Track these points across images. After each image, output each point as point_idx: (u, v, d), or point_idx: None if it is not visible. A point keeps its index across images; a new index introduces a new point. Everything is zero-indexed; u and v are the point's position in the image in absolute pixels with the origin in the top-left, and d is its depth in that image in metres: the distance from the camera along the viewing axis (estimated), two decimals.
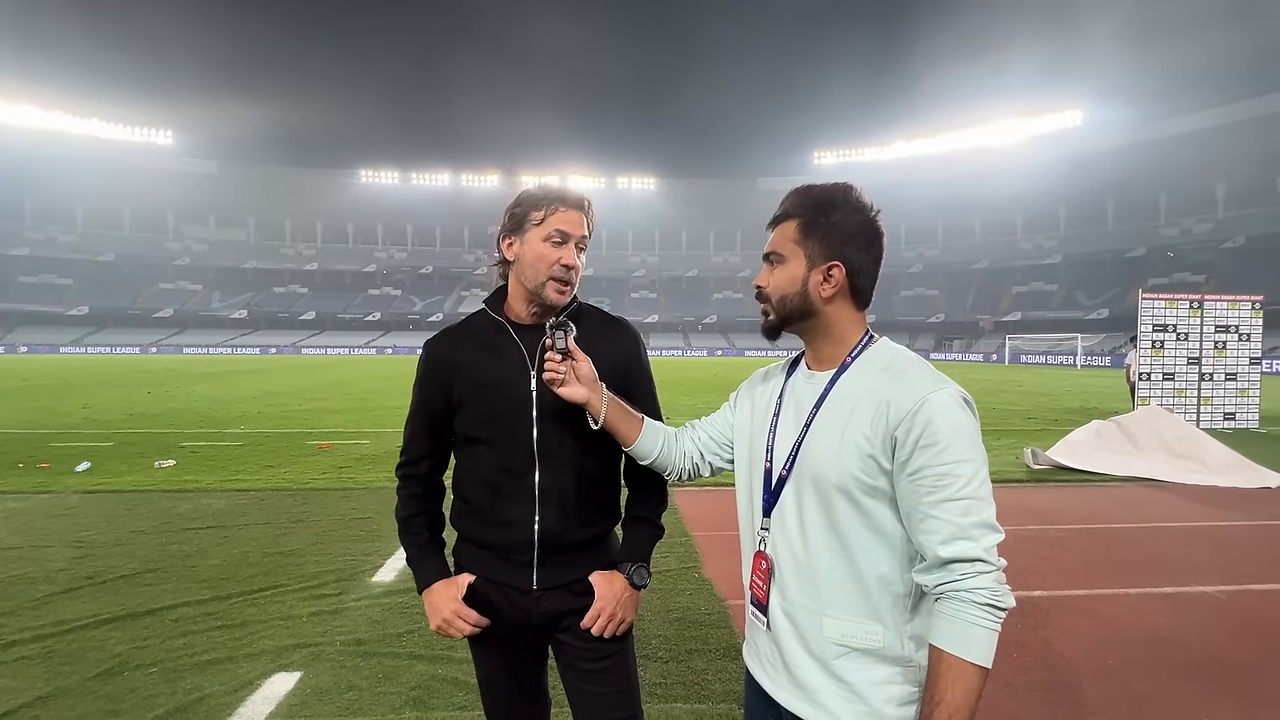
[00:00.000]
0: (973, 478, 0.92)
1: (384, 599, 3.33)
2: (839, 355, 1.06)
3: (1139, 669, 2.73)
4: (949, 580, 0.91)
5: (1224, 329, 10.90)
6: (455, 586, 1.31)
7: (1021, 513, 5.24)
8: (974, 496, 0.92)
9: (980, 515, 0.91)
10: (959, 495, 0.91)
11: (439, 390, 1.33)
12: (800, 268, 1.05)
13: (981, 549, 0.90)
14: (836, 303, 1.05)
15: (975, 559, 0.90)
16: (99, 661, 2.66)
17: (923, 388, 0.96)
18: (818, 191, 1.06)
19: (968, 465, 0.92)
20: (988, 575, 0.90)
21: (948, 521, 0.91)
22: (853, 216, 1.04)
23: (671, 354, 59.83)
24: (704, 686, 2.52)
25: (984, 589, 0.89)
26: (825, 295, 1.04)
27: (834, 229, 1.03)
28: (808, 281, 1.04)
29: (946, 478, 0.91)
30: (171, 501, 5.33)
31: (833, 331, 1.07)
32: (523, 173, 75.73)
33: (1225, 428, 10.49)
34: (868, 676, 0.97)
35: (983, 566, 0.90)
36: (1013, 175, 61.58)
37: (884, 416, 0.96)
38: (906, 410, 0.94)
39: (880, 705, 0.96)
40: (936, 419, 0.93)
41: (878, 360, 1.03)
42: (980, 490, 0.92)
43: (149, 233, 70.37)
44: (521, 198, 1.31)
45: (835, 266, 1.03)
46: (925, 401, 0.94)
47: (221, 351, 58.20)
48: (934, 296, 67.84)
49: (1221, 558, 4.20)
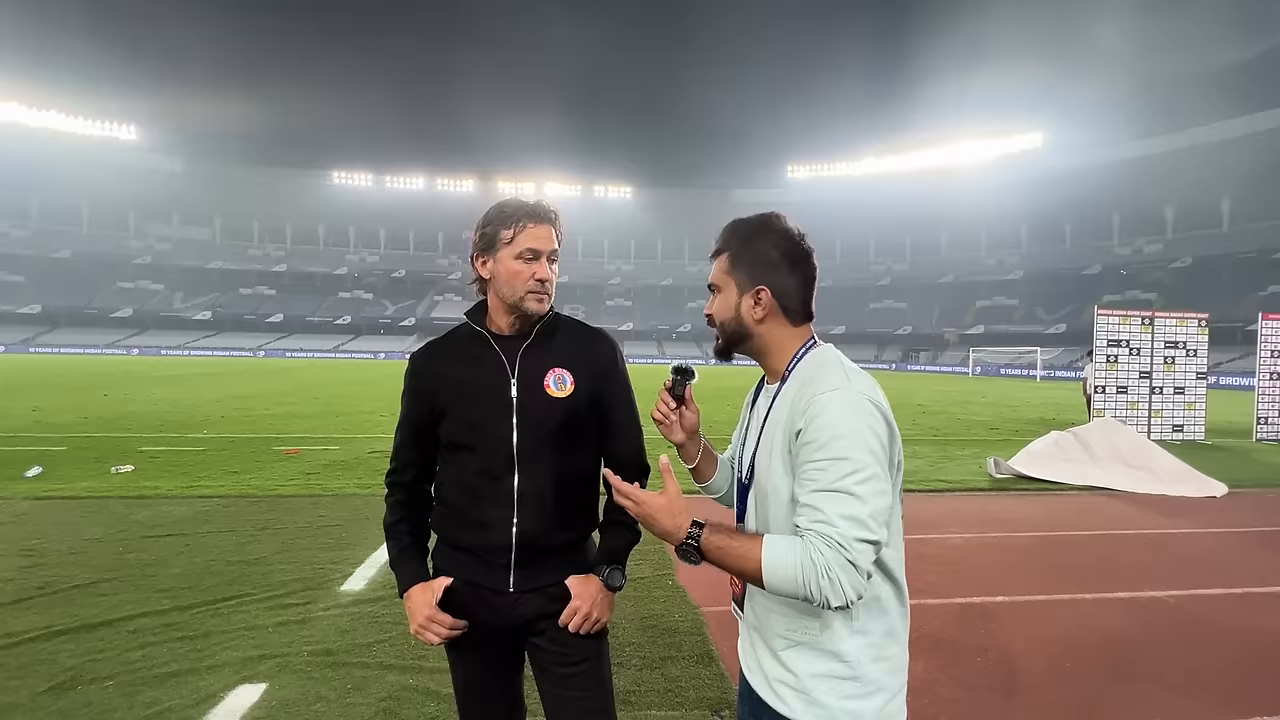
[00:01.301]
0: (849, 474, 0.94)
1: (353, 608, 3.28)
2: (781, 368, 1.14)
3: (1095, 672, 2.84)
4: (804, 531, 0.95)
5: (1173, 345, 11.42)
6: (431, 591, 1.33)
7: (984, 520, 5.40)
8: (846, 491, 0.94)
9: (846, 508, 0.93)
10: (829, 487, 0.95)
11: (424, 399, 1.37)
12: (733, 295, 1.14)
13: (838, 532, 0.92)
14: (768, 323, 1.13)
15: (829, 536, 0.92)
16: (50, 675, 2.55)
17: (820, 388, 1.02)
18: (745, 225, 1.16)
19: (844, 463, 0.95)
20: (833, 553, 0.91)
21: (816, 509, 0.95)
22: (776, 244, 1.12)
23: (645, 362, 59.99)
24: (678, 694, 2.54)
25: (825, 555, 0.91)
26: (757, 318, 1.13)
27: (758, 257, 1.12)
28: (740, 307, 1.14)
29: (822, 472, 0.96)
30: (129, 508, 5.14)
31: (771, 348, 1.15)
32: (499, 178, 75.40)
33: (1174, 439, 10.94)
34: (811, 668, 1.03)
35: (834, 545, 0.92)
36: (977, 194, 63.59)
37: (790, 419, 1.04)
38: (802, 409, 1.01)
39: (821, 695, 1.02)
40: (820, 417, 0.98)
41: (808, 367, 1.10)
42: (855, 486, 0.94)
43: (108, 230, 67.93)
44: (490, 216, 1.33)
45: (761, 290, 1.12)
46: (814, 400, 1.00)
47: (184, 354, 56.35)
48: (902, 309, 69.43)
49: (1172, 564, 4.40)
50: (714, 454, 1.32)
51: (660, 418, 1.23)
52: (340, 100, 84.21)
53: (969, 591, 3.72)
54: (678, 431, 1.24)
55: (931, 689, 2.62)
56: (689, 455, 1.27)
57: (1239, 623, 3.39)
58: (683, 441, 1.25)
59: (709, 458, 1.30)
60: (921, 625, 3.15)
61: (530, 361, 1.34)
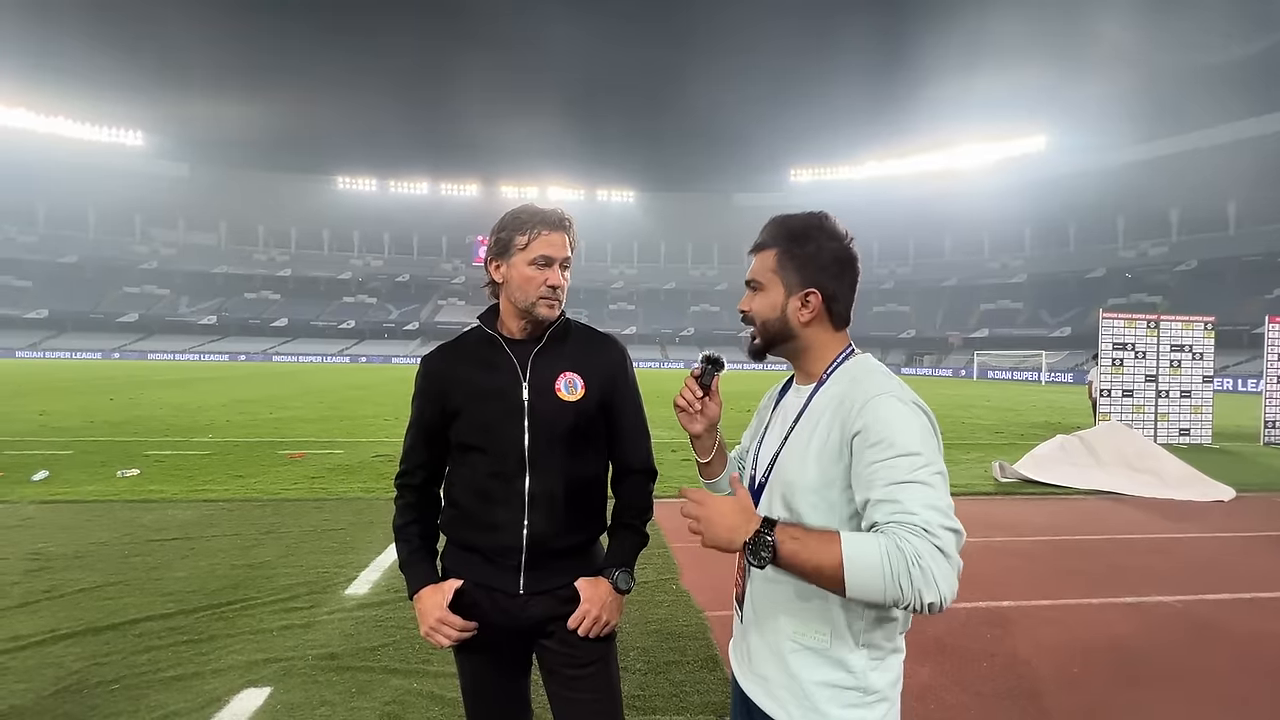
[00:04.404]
0: (921, 467, 0.92)
1: (357, 612, 3.28)
2: (818, 371, 1.12)
3: (1102, 677, 2.82)
4: (884, 524, 0.90)
5: (1179, 348, 11.36)
6: (442, 593, 1.33)
7: (989, 524, 5.37)
8: (921, 481, 0.91)
9: (926, 496, 0.89)
10: (905, 479, 0.91)
11: (435, 402, 1.37)
12: (779, 295, 1.11)
13: (922, 519, 0.87)
14: (814, 326, 1.11)
15: (912, 524, 0.87)
16: (57, 679, 2.56)
17: (877, 389, 1.00)
18: (794, 222, 1.12)
19: (916, 457, 0.92)
20: (921, 540, 0.85)
21: (893, 501, 0.90)
22: (827, 246, 1.09)
23: (649, 366, 59.97)
24: (682, 698, 2.53)
25: (912, 542, 0.85)
26: (803, 320, 1.10)
27: (809, 259, 1.09)
28: (786, 308, 1.10)
29: (893, 468, 0.92)
30: (135, 512, 5.16)
31: (812, 351, 1.12)
32: (502, 183, 75.70)
33: (1180, 443, 10.89)
34: (814, 675, 1.01)
35: (919, 532, 0.86)
36: (980, 197, 63.58)
37: (840, 420, 1.01)
38: (857, 410, 0.99)
39: (822, 703, 1.00)
40: (885, 417, 0.96)
41: (850, 373, 1.09)
42: (929, 478, 0.91)
43: (115, 235, 68.40)
44: (505, 221, 1.35)
45: (811, 293, 1.09)
46: (870, 400, 0.98)
47: (189, 358, 56.61)
48: (905, 313, 69.35)
49: (1179, 568, 4.37)
50: (725, 453, 1.31)
51: (684, 405, 1.20)
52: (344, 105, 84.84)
53: (975, 596, 3.70)
54: (699, 421, 1.22)
55: (937, 694, 2.61)
56: (704, 448, 1.25)
57: (1247, 627, 3.37)
58: (701, 433, 1.23)
59: (721, 455, 1.29)
60: (927, 630, 3.14)
61: (542, 365, 1.35)
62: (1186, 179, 52.60)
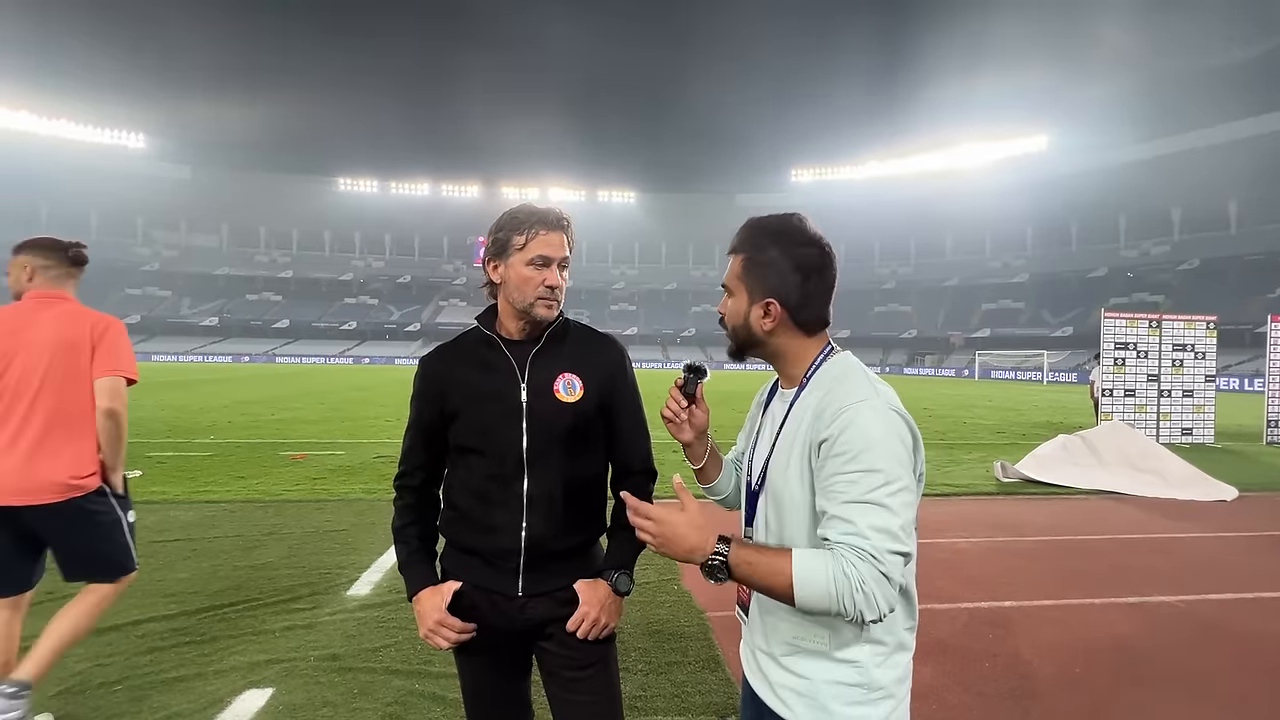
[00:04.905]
0: (880, 486, 0.92)
1: (359, 613, 3.28)
2: (798, 375, 1.11)
3: (1105, 677, 2.81)
4: (835, 543, 0.93)
5: (1181, 348, 11.34)
6: (440, 595, 1.33)
7: (991, 524, 5.36)
8: (876, 503, 0.92)
9: (878, 519, 0.91)
10: (860, 499, 0.92)
11: (434, 403, 1.37)
12: (743, 302, 1.09)
13: (870, 544, 0.90)
14: (779, 335, 1.09)
15: (861, 549, 0.90)
16: (59, 680, 2.57)
17: (847, 398, 0.99)
18: (761, 226, 1.09)
19: (876, 475, 0.93)
20: (867, 565, 0.89)
21: (845, 520, 0.92)
22: (793, 252, 1.05)
23: (650, 366, 59.99)
24: (684, 699, 2.53)
25: (858, 568, 0.89)
26: (766, 329, 1.09)
27: (771, 266, 1.06)
28: (749, 316, 1.09)
29: (853, 484, 0.93)
30: (137, 513, 5.15)
31: (786, 357, 1.11)
32: (503, 184, 75.76)
33: (1183, 442, 10.87)
34: (818, 674, 1.02)
35: (867, 557, 0.89)
36: (982, 197, 63.51)
37: (813, 427, 1.01)
38: (828, 419, 0.98)
39: (828, 701, 1.01)
40: (850, 428, 0.95)
41: (828, 375, 1.07)
42: (886, 498, 0.92)
43: (117, 237, 68.47)
44: (503, 221, 1.34)
45: (770, 303, 1.06)
46: (843, 410, 0.97)
47: (191, 359, 56.66)
48: (906, 312, 69.27)
49: (1181, 568, 4.36)
50: (719, 456, 1.31)
51: (670, 415, 1.21)
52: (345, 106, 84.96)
53: (977, 596, 3.69)
54: (686, 430, 1.22)
55: (940, 695, 2.61)
56: (696, 455, 1.26)
57: (1250, 627, 3.36)
58: (691, 441, 1.24)
59: (715, 459, 1.29)
60: (929, 630, 3.13)
61: (540, 366, 1.34)
62: (1188, 178, 52.52)
